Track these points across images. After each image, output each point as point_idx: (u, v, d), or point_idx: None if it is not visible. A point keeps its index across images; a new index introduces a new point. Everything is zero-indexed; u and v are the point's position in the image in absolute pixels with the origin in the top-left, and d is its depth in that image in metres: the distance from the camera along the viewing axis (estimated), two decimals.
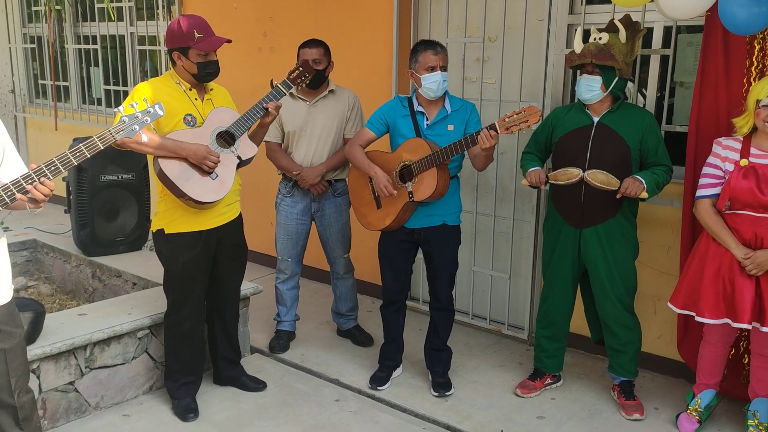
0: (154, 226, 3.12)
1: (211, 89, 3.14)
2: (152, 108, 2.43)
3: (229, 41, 2.98)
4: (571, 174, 2.98)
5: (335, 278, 3.94)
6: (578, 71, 3.06)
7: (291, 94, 3.57)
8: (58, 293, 4.53)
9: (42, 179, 2.12)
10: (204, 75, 3.00)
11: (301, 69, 3.22)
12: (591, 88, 2.99)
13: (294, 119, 3.63)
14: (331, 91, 3.67)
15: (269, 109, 3.07)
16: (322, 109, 3.64)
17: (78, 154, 2.22)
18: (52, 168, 2.15)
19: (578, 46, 3.00)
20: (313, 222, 3.81)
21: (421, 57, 3.12)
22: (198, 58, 2.95)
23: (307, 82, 3.28)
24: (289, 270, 3.83)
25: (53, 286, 4.61)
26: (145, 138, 2.57)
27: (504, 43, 3.85)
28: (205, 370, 3.40)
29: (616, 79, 2.98)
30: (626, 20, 3.03)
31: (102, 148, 2.29)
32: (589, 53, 2.95)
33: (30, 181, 2.11)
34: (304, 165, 3.65)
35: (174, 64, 3.02)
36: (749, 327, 2.74)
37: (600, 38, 2.96)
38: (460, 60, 4.00)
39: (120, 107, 2.42)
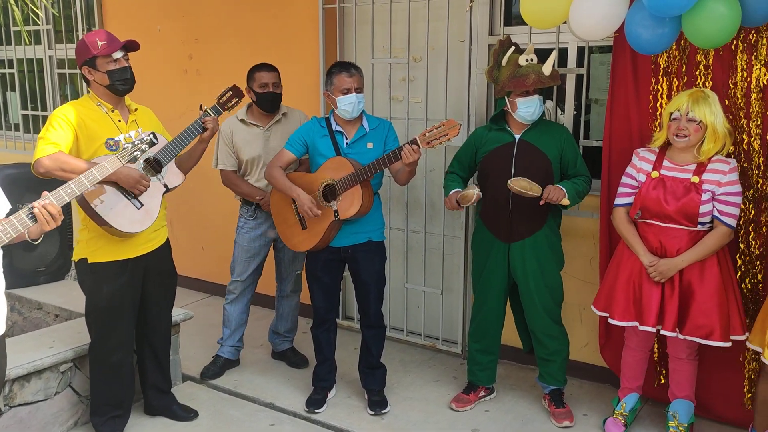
0: (76, 255, 3.00)
1: (135, 110, 3.05)
2: (146, 136, 2.55)
3: (136, 42, 2.90)
4: (469, 196, 3.08)
5: (281, 296, 3.90)
6: (508, 94, 3.08)
7: (243, 121, 3.58)
8: None
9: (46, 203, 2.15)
10: (118, 83, 2.87)
11: (231, 93, 3.17)
12: (541, 107, 3.10)
13: (251, 147, 3.59)
14: (284, 114, 3.66)
15: (207, 126, 3.02)
16: (277, 134, 3.61)
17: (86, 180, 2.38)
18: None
19: (548, 68, 3.00)
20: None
21: (336, 79, 3.14)
22: (107, 66, 2.84)
23: (236, 104, 3.23)
24: (239, 289, 3.76)
25: None
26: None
27: (428, 64, 3.94)
28: (135, 401, 3.30)
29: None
30: (508, 41, 3.14)
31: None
32: (558, 75, 3.06)
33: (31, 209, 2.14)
34: (266, 190, 3.60)
35: (89, 84, 2.93)
36: (653, 330, 2.88)
37: (532, 59, 3.06)
38: (386, 80, 4.07)
39: (120, 137, 2.54)
